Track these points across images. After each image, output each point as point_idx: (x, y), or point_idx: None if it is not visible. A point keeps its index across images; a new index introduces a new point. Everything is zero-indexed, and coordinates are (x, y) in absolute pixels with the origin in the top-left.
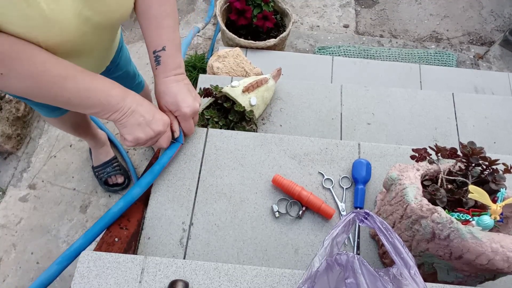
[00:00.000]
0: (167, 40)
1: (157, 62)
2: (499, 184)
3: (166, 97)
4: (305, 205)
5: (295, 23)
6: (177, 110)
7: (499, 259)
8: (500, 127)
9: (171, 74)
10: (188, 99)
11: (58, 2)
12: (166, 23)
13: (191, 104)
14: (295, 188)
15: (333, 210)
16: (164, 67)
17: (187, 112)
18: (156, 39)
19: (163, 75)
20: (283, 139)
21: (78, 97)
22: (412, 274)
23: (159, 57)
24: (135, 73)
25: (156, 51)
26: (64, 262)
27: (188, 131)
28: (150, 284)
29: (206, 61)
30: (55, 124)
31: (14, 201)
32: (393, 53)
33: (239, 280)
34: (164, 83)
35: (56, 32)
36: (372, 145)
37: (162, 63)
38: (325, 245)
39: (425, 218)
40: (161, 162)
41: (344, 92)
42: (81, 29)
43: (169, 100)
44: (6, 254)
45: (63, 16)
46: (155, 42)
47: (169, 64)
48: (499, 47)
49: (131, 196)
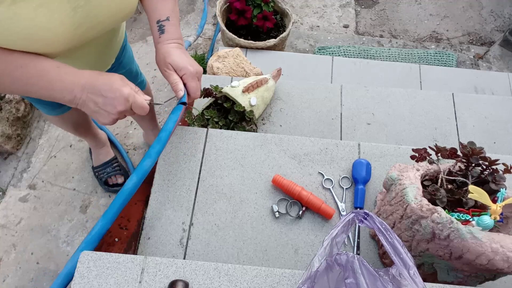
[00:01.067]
0: (171, 11)
1: (161, 31)
2: (499, 184)
3: (171, 57)
4: (305, 205)
5: (295, 23)
6: (183, 69)
7: (499, 259)
8: (500, 127)
9: (174, 41)
10: (191, 60)
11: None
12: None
13: (195, 64)
14: (295, 188)
15: (333, 210)
16: (168, 35)
17: (193, 71)
18: (160, 10)
19: (167, 41)
20: (283, 139)
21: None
22: (411, 274)
23: (163, 26)
24: (138, 72)
25: (160, 21)
26: (88, 247)
27: (195, 91)
28: (150, 284)
29: (206, 61)
30: (56, 122)
31: (14, 201)
32: (393, 53)
33: (239, 280)
34: (168, 47)
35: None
36: (372, 145)
37: (166, 31)
38: (325, 245)
39: (425, 218)
40: (167, 128)
41: (344, 92)
42: (78, 37)
43: (175, 59)
44: (6, 254)
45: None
46: (159, 12)
47: (173, 33)
48: (499, 47)
49: (143, 168)
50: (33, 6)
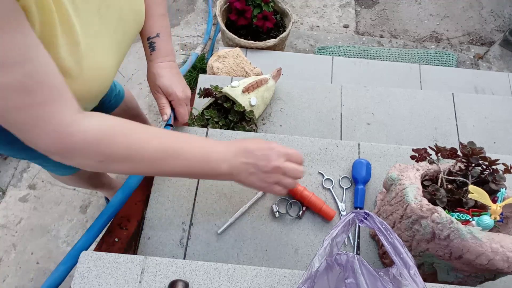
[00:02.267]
0: (161, 27)
1: (152, 48)
2: (499, 184)
3: (161, 79)
4: (307, 205)
5: (295, 23)
6: (172, 94)
7: (499, 259)
8: (500, 127)
9: (166, 60)
10: (182, 85)
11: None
12: (159, 11)
13: (184, 89)
14: (297, 188)
15: (334, 212)
16: (158, 53)
17: (181, 97)
18: (150, 26)
19: (158, 60)
20: (283, 139)
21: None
22: (411, 274)
23: (154, 43)
24: (114, 84)
25: (150, 37)
26: (68, 262)
27: (183, 117)
28: (150, 284)
29: (206, 61)
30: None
31: (14, 201)
32: (393, 53)
33: (239, 280)
34: (158, 67)
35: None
36: (372, 145)
37: (156, 48)
38: (325, 245)
39: (425, 218)
40: None
41: (344, 92)
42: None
43: (164, 83)
44: (6, 254)
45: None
46: (149, 29)
47: (163, 50)
48: (499, 47)
49: (129, 186)
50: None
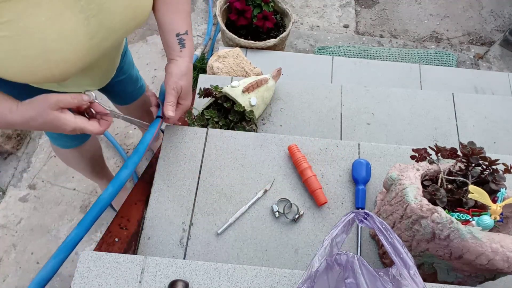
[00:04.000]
0: (188, 25)
1: (182, 44)
2: (499, 184)
3: (185, 82)
4: (304, 183)
5: (295, 23)
6: (184, 100)
7: (499, 259)
8: (500, 127)
9: (192, 61)
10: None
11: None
12: (183, 8)
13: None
14: (302, 164)
15: (325, 199)
16: (188, 51)
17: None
18: (178, 22)
19: (187, 58)
20: (283, 139)
21: None
22: (411, 274)
23: (183, 40)
24: (138, 77)
25: (180, 34)
26: (60, 255)
27: (176, 119)
28: (150, 284)
29: (206, 61)
30: (73, 159)
31: (14, 201)
32: (393, 53)
33: (239, 280)
34: (188, 68)
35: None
36: (372, 145)
37: (187, 46)
38: (325, 245)
39: (425, 218)
40: (144, 140)
41: (344, 92)
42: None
43: (187, 88)
44: (6, 254)
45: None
46: (176, 25)
47: (191, 48)
48: (499, 47)
49: (120, 179)
50: (42, 20)
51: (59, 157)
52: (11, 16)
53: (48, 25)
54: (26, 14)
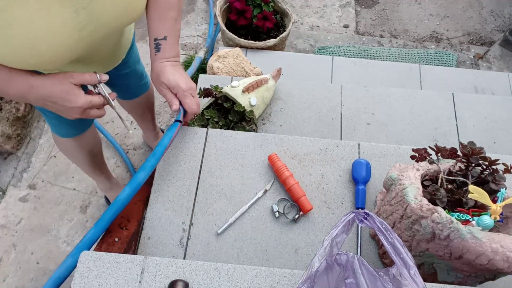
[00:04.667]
0: (170, 30)
1: (157, 49)
2: (499, 184)
3: (165, 76)
4: (288, 191)
5: (295, 23)
6: (175, 87)
7: (499, 259)
8: (500, 127)
9: (170, 60)
10: (184, 78)
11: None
12: (170, 15)
13: (187, 81)
14: (284, 172)
15: (310, 206)
16: (163, 54)
17: (184, 88)
18: (159, 28)
19: (161, 60)
20: (283, 139)
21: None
22: (411, 274)
23: (160, 44)
24: (143, 73)
25: (157, 39)
26: (78, 254)
27: (191, 107)
28: (150, 284)
29: (206, 61)
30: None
31: (14, 201)
32: (393, 53)
33: (239, 280)
34: (161, 65)
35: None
36: (372, 145)
37: (161, 50)
38: (325, 245)
39: (425, 218)
40: (162, 143)
41: (344, 92)
42: (84, 40)
43: (168, 78)
44: (6, 254)
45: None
46: (157, 31)
47: (168, 52)
48: (499, 47)
49: (137, 181)
50: (31, 10)
51: (59, 147)
52: (1, 6)
53: (37, 16)
54: (15, 5)
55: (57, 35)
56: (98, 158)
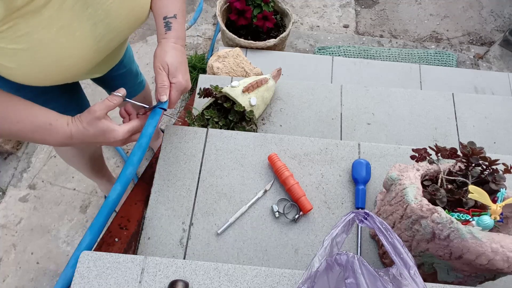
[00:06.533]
0: (178, 9)
1: (168, 27)
2: (499, 184)
3: (172, 58)
4: (288, 192)
5: (295, 23)
6: (176, 77)
7: (499, 259)
8: (500, 127)
9: (178, 42)
10: (187, 74)
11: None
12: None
13: (188, 79)
14: (284, 172)
15: (310, 206)
16: (174, 33)
17: (183, 84)
18: (168, 7)
19: (172, 40)
20: (283, 139)
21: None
22: (411, 274)
23: (170, 23)
24: (138, 72)
25: (167, 17)
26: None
27: (174, 102)
28: (150, 284)
29: (206, 61)
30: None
31: (14, 201)
32: (393, 53)
33: (239, 280)
34: (172, 46)
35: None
36: (372, 145)
37: (172, 29)
38: (325, 245)
39: (425, 218)
40: (147, 133)
41: (344, 92)
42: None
43: (174, 63)
44: (6, 254)
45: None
46: (166, 9)
47: (178, 31)
48: (499, 47)
49: (126, 177)
50: (54, 30)
51: (60, 155)
52: (27, 30)
53: (60, 35)
54: (40, 27)
55: (79, 50)
56: (98, 163)
